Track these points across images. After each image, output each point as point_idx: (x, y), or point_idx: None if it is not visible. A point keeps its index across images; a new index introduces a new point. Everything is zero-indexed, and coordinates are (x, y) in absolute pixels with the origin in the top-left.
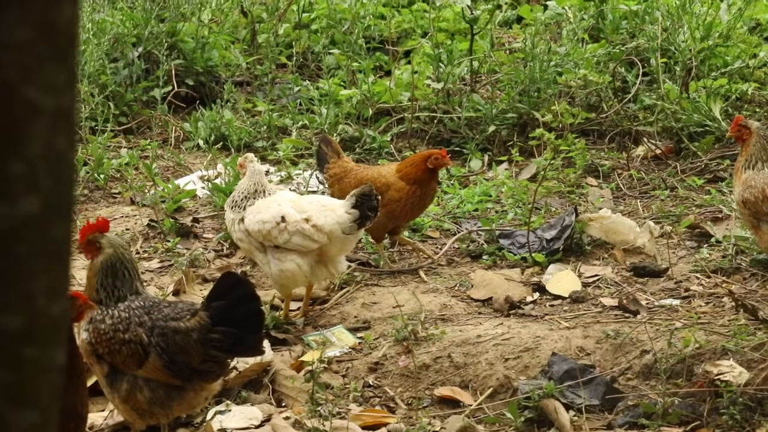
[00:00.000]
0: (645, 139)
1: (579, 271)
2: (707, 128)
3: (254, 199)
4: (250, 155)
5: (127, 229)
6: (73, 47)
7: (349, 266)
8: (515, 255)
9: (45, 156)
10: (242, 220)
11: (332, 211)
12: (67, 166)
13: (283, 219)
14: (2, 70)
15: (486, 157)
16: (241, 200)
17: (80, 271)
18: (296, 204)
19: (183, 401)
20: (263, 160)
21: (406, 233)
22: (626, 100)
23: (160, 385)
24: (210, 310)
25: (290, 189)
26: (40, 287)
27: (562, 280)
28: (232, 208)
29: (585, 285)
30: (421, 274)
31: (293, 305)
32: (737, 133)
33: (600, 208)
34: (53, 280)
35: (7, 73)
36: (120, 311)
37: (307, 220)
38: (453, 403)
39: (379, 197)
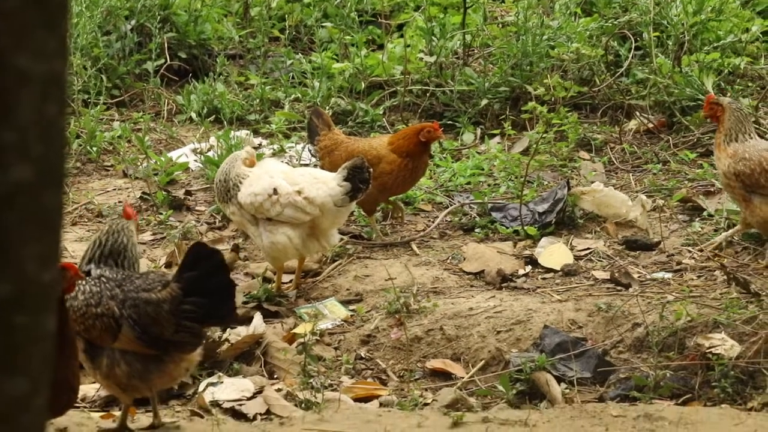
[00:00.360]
0: (637, 113)
1: (571, 244)
2: (699, 102)
3: (234, 190)
4: (248, 148)
5: (119, 202)
6: (64, 14)
7: (342, 239)
8: (507, 228)
9: (36, 123)
10: (236, 194)
11: (324, 184)
12: (58, 134)
13: (275, 191)
14: None
15: (478, 131)
16: (231, 190)
17: (72, 243)
18: (288, 176)
19: (162, 373)
20: (256, 133)
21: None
22: (618, 73)
23: (137, 358)
24: (181, 281)
25: (283, 161)
26: (31, 254)
27: (554, 253)
28: (221, 201)
29: (577, 258)
30: (414, 246)
31: (285, 278)
32: (710, 111)
33: (592, 182)
34: (44, 247)
35: None
36: (91, 285)
37: (299, 193)
38: (445, 376)
39: (371, 169)
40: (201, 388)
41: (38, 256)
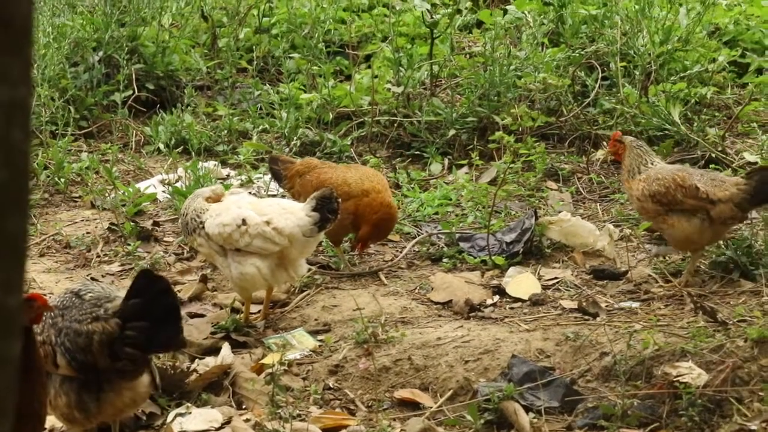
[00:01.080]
0: (604, 143)
1: (539, 273)
2: (666, 132)
3: (192, 224)
4: (214, 187)
5: (87, 233)
6: (28, 41)
7: (310, 269)
8: (475, 258)
9: (0, 148)
10: (202, 224)
11: (292, 214)
12: (22, 159)
13: (244, 222)
14: None
15: (446, 161)
16: (189, 224)
17: (40, 274)
18: (256, 207)
19: (103, 404)
20: (224, 164)
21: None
22: (586, 103)
23: (73, 388)
24: (125, 308)
25: (250, 192)
26: None
27: (521, 282)
28: (188, 234)
29: (545, 288)
30: (382, 277)
31: (254, 308)
32: (614, 148)
33: (559, 212)
34: (8, 273)
35: None
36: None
37: (267, 223)
38: (413, 406)
39: (339, 200)
40: (169, 418)
41: (2, 281)
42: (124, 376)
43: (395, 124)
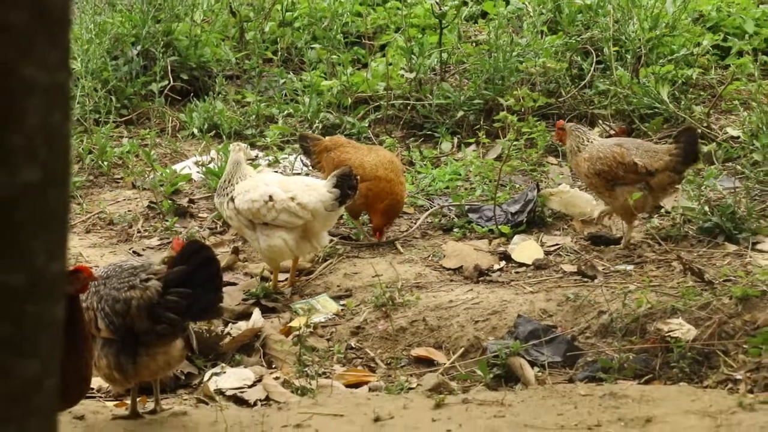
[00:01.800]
0: (600, 121)
1: (541, 240)
2: (656, 110)
3: (232, 184)
4: (241, 145)
5: (129, 211)
6: (66, 29)
7: (332, 240)
8: (483, 227)
9: (42, 129)
10: (232, 200)
11: (315, 190)
12: (62, 138)
13: (270, 198)
14: (1, 50)
15: (455, 140)
16: (223, 187)
17: (86, 249)
18: (282, 184)
19: (139, 366)
20: (252, 146)
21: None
22: (582, 85)
23: (113, 351)
24: (169, 274)
25: (275, 171)
26: (40, 248)
27: (526, 249)
28: (218, 195)
29: (547, 253)
30: (398, 246)
31: (281, 276)
32: (558, 135)
33: (559, 184)
34: (52, 242)
35: (5, 53)
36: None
37: (292, 199)
38: (428, 363)
39: (358, 177)
40: (206, 377)
41: (46, 249)
42: (159, 341)
43: (408, 107)
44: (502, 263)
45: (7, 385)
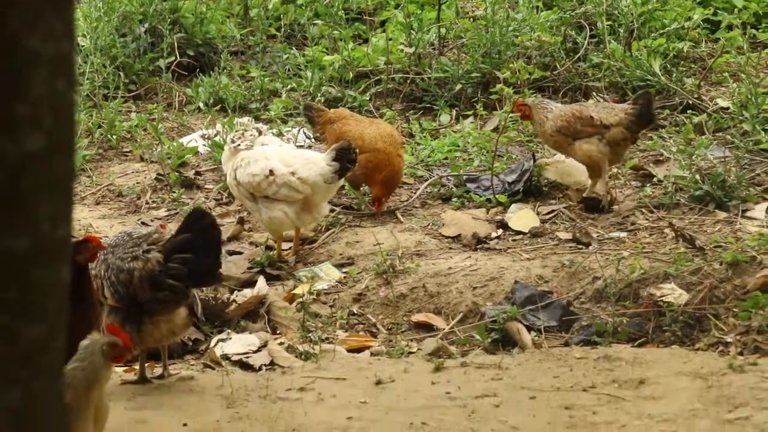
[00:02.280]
0: (594, 93)
1: (537, 209)
2: (648, 82)
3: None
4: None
5: (137, 183)
6: (70, 1)
7: (334, 210)
8: (481, 197)
9: (47, 98)
10: (235, 170)
11: (315, 164)
12: (67, 107)
13: (271, 173)
14: (7, 22)
15: (454, 112)
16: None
17: (96, 220)
18: (283, 158)
19: (144, 334)
20: (257, 119)
21: None
22: (576, 58)
23: (118, 319)
24: (171, 243)
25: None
26: (45, 214)
27: (522, 217)
28: (231, 140)
29: (543, 221)
30: (398, 215)
31: (285, 245)
32: (521, 112)
33: (555, 154)
34: (57, 208)
35: (11, 24)
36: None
37: (293, 174)
38: (428, 328)
39: (357, 151)
40: (212, 343)
41: (52, 216)
42: (162, 309)
43: (408, 81)
44: (500, 231)
45: (14, 348)
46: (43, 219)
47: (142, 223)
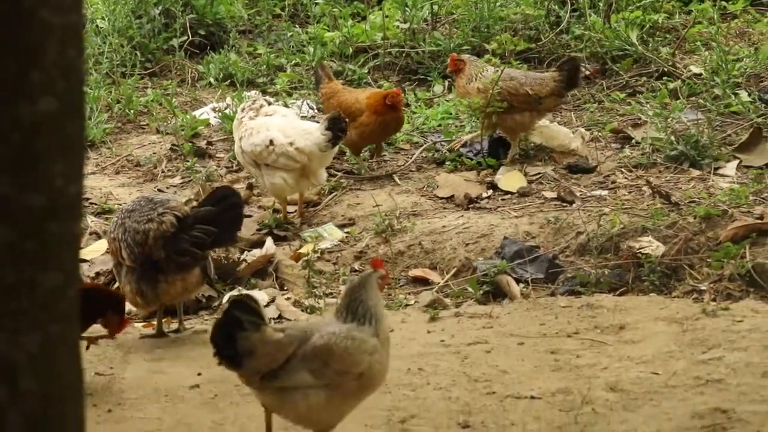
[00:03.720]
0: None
1: (525, 171)
2: (626, 52)
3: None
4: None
5: (153, 153)
6: None
7: (337, 174)
8: (472, 160)
9: (58, 64)
10: (241, 139)
11: (310, 134)
12: (77, 72)
13: (271, 142)
14: None
15: (446, 83)
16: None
17: (116, 188)
18: (283, 129)
19: (159, 292)
20: (264, 93)
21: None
22: (559, 31)
23: (134, 279)
24: (196, 213)
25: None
26: (59, 172)
27: (510, 178)
28: (242, 110)
29: (530, 182)
30: (396, 178)
31: (291, 208)
32: (455, 66)
33: (540, 120)
34: (69, 166)
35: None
36: (115, 215)
37: (291, 144)
38: (424, 282)
39: (347, 120)
40: (224, 300)
41: (65, 173)
42: (178, 269)
43: (403, 54)
44: (490, 192)
45: (33, 295)
46: (56, 177)
47: (159, 190)
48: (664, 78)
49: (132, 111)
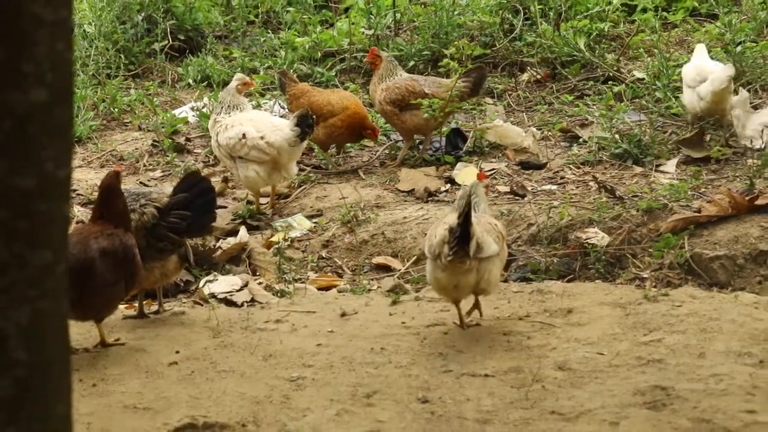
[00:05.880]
0: (528, 68)
1: (480, 166)
2: (575, 57)
3: (221, 114)
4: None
5: (136, 149)
6: None
7: (305, 169)
8: (431, 157)
9: (48, 57)
10: (217, 134)
11: (280, 130)
12: (66, 64)
13: (244, 136)
14: None
15: None
16: (217, 111)
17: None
18: (255, 124)
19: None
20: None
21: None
22: (512, 37)
23: None
24: (171, 200)
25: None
26: (48, 156)
27: (467, 173)
28: (217, 114)
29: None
30: (360, 173)
31: (263, 200)
32: (372, 59)
33: (495, 120)
34: (58, 151)
35: None
36: None
37: (262, 138)
38: (386, 269)
39: (314, 117)
40: (201, 284)
41: (54, 158)
42: (156, 255)
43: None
44: (448, 186)
45: (24, 271)
46: (46, 161)
47: (141, 183)
48: (609, 82)
49: (116, 109)
